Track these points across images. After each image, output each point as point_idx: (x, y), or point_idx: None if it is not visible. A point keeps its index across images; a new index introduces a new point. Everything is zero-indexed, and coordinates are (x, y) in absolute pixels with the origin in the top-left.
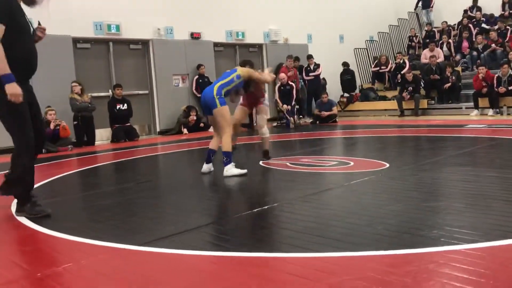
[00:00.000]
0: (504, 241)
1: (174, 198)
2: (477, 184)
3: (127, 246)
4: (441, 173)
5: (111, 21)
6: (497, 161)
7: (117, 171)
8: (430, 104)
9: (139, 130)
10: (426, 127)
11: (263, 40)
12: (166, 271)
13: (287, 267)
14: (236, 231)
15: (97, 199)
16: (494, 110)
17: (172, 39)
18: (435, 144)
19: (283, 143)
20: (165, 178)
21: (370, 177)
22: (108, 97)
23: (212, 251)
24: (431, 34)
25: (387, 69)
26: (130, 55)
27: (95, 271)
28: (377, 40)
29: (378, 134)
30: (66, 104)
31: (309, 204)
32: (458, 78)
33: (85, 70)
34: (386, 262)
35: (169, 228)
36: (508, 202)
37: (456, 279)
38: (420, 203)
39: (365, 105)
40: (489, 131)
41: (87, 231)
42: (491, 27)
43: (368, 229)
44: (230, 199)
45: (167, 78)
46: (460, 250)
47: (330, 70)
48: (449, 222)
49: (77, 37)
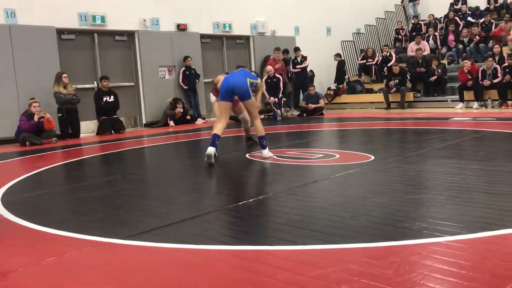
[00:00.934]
0: (485, 233)
1: (160, 191)
2: (461, 176)
3: (111, 240)
4: (425, 165)
5: (96, 12)
6: (480, 153)
7: (102, 164)
8: (416, 97)
9: (125, 123)
10: (412, 120)
11: (250, 32)
12: (151, 265)
13: (271, 260)
14: (221, 224)
15: (82, 192)
16: (479, 103)
17: (158, 30)
18: (420, 137)
19: (270, 136)
20: (151, 171)
21: (355, 169)
22: (93, 89)
23: (197, 245)
24: (418, 27)
25: (374, 62)
26: (115, 47)
27: (78, 265)
28: (364, 33)
29: (364, 126)
30: (50, 96)
31: (295, 196)
32: (444, 71)
33: (70, 61)
34: (369, 254)
35: (154, 221)
36: (490, 194)
37: (437, 271)
38: (404, 195)
39: (352, 97)
40: (473, 124)
41: (72, 224)
42: (477, 20)
43: (352, 222)
44: (216, 192)
45: (153, 70)
46: (442, 242)
47: (317, 62)
48: (432, 214)
49: (61, 28)
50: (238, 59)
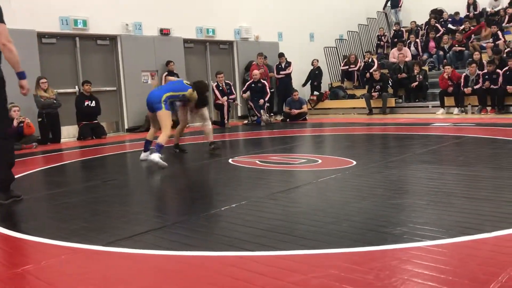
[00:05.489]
0: (464, 237)
1: (140, 197)
2: (441, 181)
3: (90, 246)
4: (406, 170)
5: (78, 16)
6: (460, 158)
7: (82, 170)
8: (398, 102)
9: (107, 128)
10: (394, 125)
11: (233, 37)
12: (131, 272)
13: (252, 266)
14: (202, 230)
15: (61, 198)
16: (459, 108)
17: (141, 35)
18: (401, 142)
19: (253, 141)
20: (132, 177)
21: (337, 174)
22: (74, 93)
23: (178, 251)
24: (399, 33)
25: (356, 68)
26: (97, 51)
27: (56, 272)
28: (347, 39)
29: (346, 132)
30: (30, 100)
31: (277, 202)
32: (425, 77)
33: (51, 65)
34: (350, 260)
35: (134, 227)
36: (469, 199)
37: (417, 275)
38: (385, 200)
39: (335, 103)
40: (454, 130)
41: (50, 231)
42: (457, 27)
43: (334, 227)
44: (197, 198)
45: (135, 74)
46: (422, 247)
47: (301, 68)
48: (413, 219)
49: (42, 32)
50: (222, 64)
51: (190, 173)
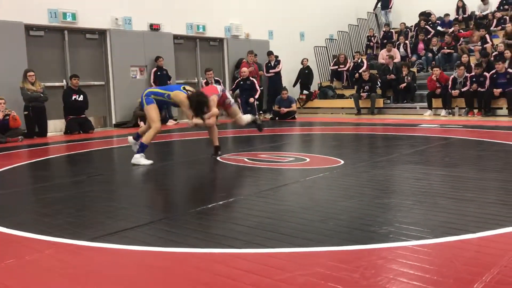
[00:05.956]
0: (449, 237)
1: (127, 192)
2: (427, 182)
3: (75, 242)
4: (393, 170)
5: (67, 9)
6: (446, 159)
7: (68, 164)
8: (386, 103)
9: (94, 122)
10: (381, 126)
11: (224, 34)
12: (116, 267)
13: (239, 263)
14: (189, 227)
15: (46, 192)
16: (447, 110)
17: (131, 30)
18: (389, 142)
19: (242, 139)
20: (118, 172)
21: (325, 173)
22: (62, 87)
23: (164, 247)
24: (389, 34)
25: (345, 68)
26: (86, 45)
27: (39, 267)
28: (337, 39)
29: (334, 131)
30: (17, 93)
31: (264, 199)
32: (413, 78)
33: (38, 58)
34: (336, 258)
35: (120, 223)
36: (454, 199)
37: (402, 274)
38: (372, 199)
39: (324, 102)
40: (441, 131)
41: (35, 225)
42: (446, 29)
43: (321, 225)
44: (185, 194)
45: (124, 69)
46: (408, 246)
47: (291, 67)
48: (399, 219)
49: (30, 24)
50: (211, 61)
51: (178, 170)
